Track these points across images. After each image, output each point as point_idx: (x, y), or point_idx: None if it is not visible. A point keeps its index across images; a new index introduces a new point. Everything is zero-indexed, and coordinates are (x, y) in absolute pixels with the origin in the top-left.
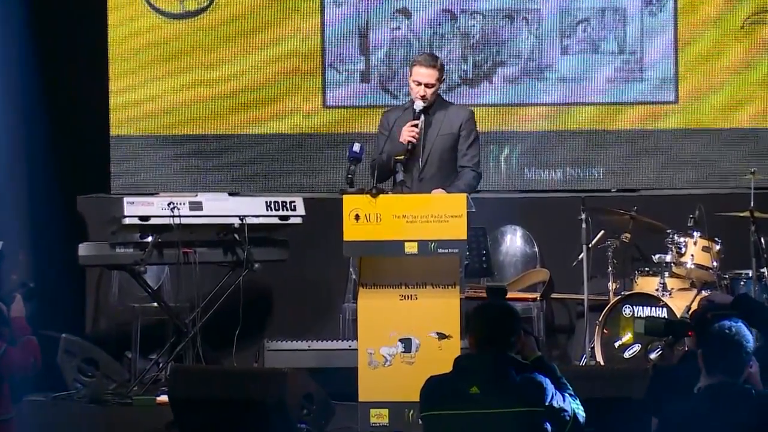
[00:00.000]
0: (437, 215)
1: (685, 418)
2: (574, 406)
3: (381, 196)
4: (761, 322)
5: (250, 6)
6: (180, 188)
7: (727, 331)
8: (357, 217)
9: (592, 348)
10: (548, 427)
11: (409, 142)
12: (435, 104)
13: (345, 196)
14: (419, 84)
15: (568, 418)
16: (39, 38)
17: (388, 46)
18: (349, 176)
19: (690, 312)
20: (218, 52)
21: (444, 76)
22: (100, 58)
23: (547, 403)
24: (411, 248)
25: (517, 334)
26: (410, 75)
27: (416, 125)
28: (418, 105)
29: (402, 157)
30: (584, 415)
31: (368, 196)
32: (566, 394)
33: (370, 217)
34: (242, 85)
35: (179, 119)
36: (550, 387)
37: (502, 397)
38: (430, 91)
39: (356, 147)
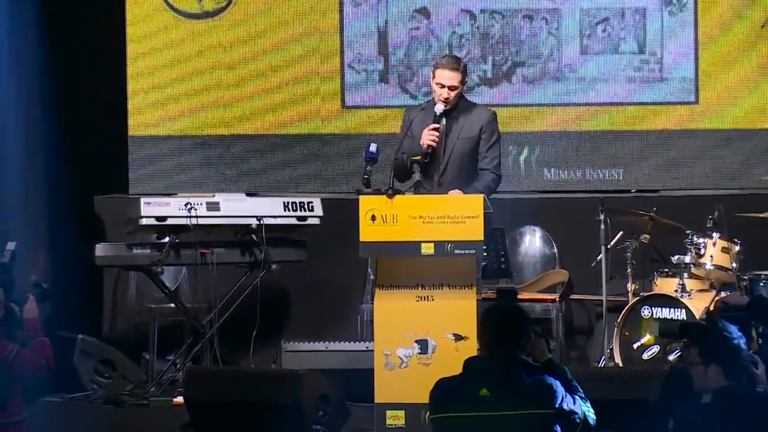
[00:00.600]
0: (454, 216)
1: (698, 421)
2: (585, 409)
3: (397, 196)
4: None
5: (269, 6)
6: (198, 188)
7: (728, 334)
8: (373, 217)
9: (611, 349)
10: (558, 429)
11: (428, 146)
12: (457, 106)
13: (361, 197)
14: (442, 87)
15: (578, 420)
16: (56, 38)
17: (407, 46)
18: (366, 176)
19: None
20: (236, 52)
21: (467, 78)
22: (118, 58)
23: (557, 406)
24: (427, 249)
25: (527, 337)
26: (432, 77)
27: (437, 129)
28: (439, 108)
29: (419, 158)
30: (594, 417)
31: (384, 196)
32: (576, 397)
33: (386, 218)
34: (260, 86)
35: (197, 119)
36: (560, 389)
37: (511, 399)
38: (453, 94)
39: (373, 147)
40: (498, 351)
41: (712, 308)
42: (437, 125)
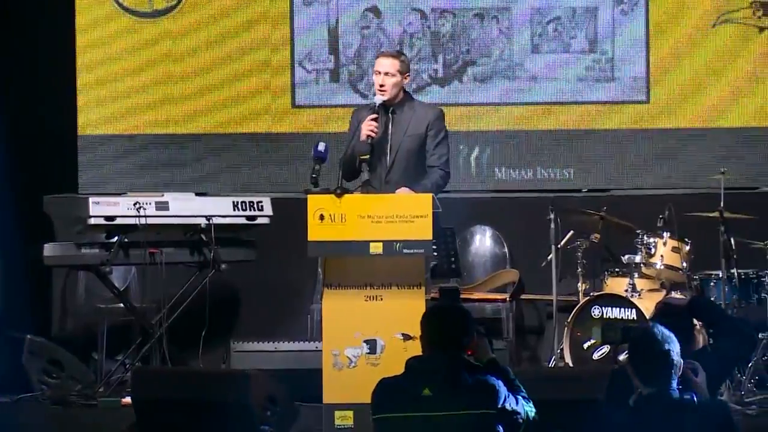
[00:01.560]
0: (402, 215)
1: (624, 428)
2: (528, 409)
3: (346, 195)
4: (716, 325)
5: (219, 4)
6: (148, 188)
7: (657, 339)
8: (321, 217)
9: (561, 349)
10: (500, 429)
11: (368, 136)
12: (402, 103)
13: (309, 196)
14: (379, 73)
15: (521, 420)
16: (3, 35)
17: (357, 45)
18: (314, 176)
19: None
20: (186, 50)
21: (408, 72)
22: (67, 56)
23: (499, 406)
24: (376, 248)
25: (469, 336)
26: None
27: (375, 119)
28: (378, 99)
29: (367, 156)
30: (537, 417)
31: (333, 195)
32: (519, 397)
33: (334, 217)
34: (211, 84)
35: (147, 118)
36: (502, 389)
37: (454, 399)
38: (390, 82)
39: (321, 146)
40: (440, 351)
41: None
42: (375, 115)
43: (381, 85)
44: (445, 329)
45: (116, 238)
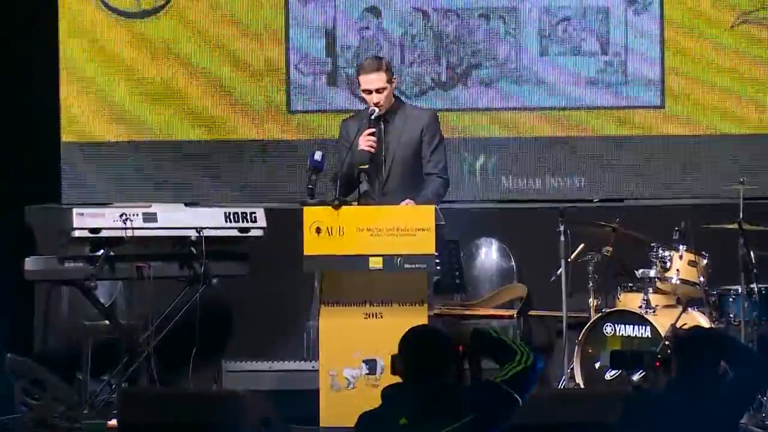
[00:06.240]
0: (404, 228)
1: None
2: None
3: (344, 207)
4: (732, 355)
5: (210, 4)
6: (135, 198)
7: None
8: (318, 230)
9: (572, 369)
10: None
11: (367, 151)
12: (394, 109)
13: (305, 208)
14: (370, 92)
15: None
16: None
17: (356, 47)
18: (310, 186)
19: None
20: (176, 53)
21: (394, 76)
22: (50, 60)
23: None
24: (376, 263)
25: (447, 362)
26: (359, 86)
27: (372, 134)
28: (374, 112)
29: (366, 166)
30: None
31: (330, 207)
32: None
33: (332, 230)
34: (201, 89)
35: (133, 125)
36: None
37: (431, 423)
38: (383, 96)
39: (317, 155)
40: (415, 378)
41: (678, 325)
42: (372, 129)
43: (376, 103)
44: (421, 356)
45: (102, 251)
